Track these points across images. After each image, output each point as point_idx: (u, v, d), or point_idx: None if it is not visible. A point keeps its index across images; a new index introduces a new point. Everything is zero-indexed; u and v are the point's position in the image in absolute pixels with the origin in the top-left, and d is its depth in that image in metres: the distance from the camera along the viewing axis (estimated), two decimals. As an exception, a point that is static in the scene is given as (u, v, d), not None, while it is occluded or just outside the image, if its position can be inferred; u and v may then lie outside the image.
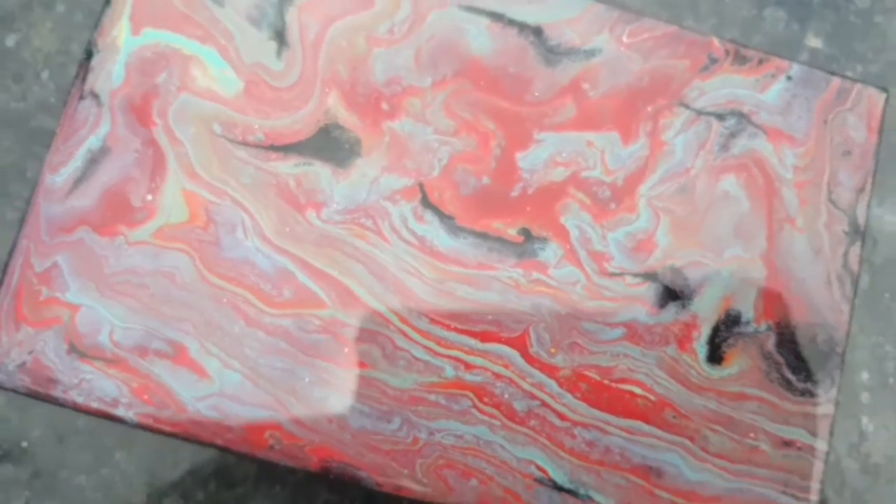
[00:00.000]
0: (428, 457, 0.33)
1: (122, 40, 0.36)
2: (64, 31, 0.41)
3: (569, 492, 0.33)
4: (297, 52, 0.36)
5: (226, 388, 0.33)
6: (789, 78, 0.36)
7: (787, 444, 0.34)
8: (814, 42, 0.41)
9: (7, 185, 0.39)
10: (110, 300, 0.34)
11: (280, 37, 0.36)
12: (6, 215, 0.39)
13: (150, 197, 0.35)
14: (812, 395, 0.34)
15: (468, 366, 0.34)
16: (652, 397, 0.34)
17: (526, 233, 0.35)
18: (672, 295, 0.35)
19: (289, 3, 0.36)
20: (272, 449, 0.33)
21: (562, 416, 0.34)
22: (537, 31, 0.36)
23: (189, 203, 0.35)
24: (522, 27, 0.36)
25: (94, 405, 0.33)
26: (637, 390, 0.34)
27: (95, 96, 0.35)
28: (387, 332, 0.34)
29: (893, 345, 0.41)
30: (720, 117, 0.36)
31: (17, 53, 0.40)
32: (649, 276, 0.35)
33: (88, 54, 0.36)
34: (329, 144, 0.35)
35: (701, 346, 0.35)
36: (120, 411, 0.33)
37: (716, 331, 0.35)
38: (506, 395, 0.34)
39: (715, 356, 0.35)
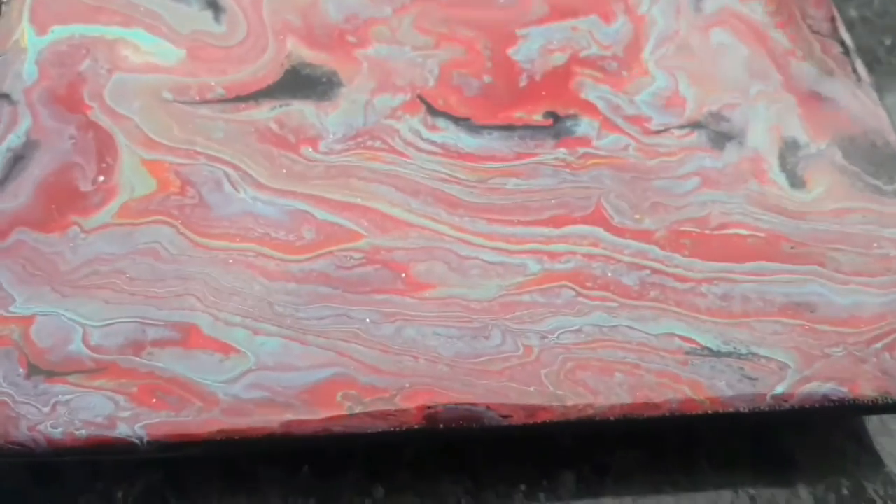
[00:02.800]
0: (551, 364, 0.25)
1: (27, 41, 0.30)
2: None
3: (728, 355, 0.26)
4: (238, 14, 0.32)
5: (264, 359, 0.24)
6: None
7: (911, 245, 0.30)
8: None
9: None
10: (75, 299, 0.25)
11: (213, 5, 0.32)
12: None
13: (101, 178, 0.27)
14: (905, 193, 0.31)
15: (552, 255, 0.27)
16: (761, 234, 0.29)
17: (553, 115, 0.31)
18: (725, 136, 0.31)
19: (214, -22, 0.33)
20: (352, 414, 0.24)
21: (681, 279, 0.28)
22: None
23: (153, 173, 0.27)
24: (466, -49, 0.35)
25: (81, 433, 0.23)
26: (742, 231, 0.29)
27: (5, 96, 0.29)
28: (444, 245, 0.27)
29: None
30: (683, -17, 0.35)
31: None
32: (694, 126, 0.31)
33: (-14, 63, 0.29)
34: (303, 82, 0.30)
35: (778, 176, 0.31)
36: (122, 430, 0.23)
37: (783, 159, 0.31)
38: (609, 273, 0.27)
39: (796, 181, 0.31)
